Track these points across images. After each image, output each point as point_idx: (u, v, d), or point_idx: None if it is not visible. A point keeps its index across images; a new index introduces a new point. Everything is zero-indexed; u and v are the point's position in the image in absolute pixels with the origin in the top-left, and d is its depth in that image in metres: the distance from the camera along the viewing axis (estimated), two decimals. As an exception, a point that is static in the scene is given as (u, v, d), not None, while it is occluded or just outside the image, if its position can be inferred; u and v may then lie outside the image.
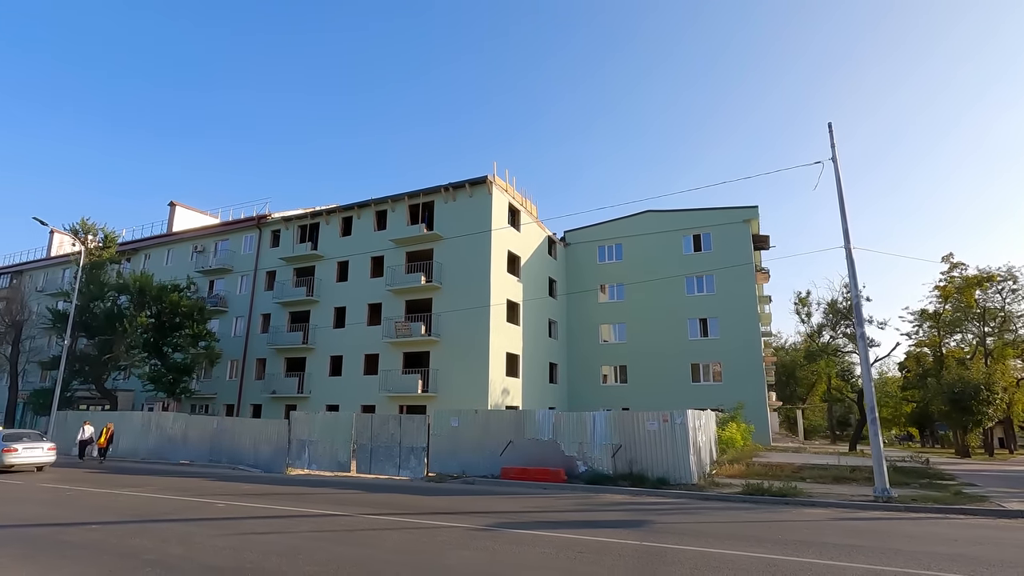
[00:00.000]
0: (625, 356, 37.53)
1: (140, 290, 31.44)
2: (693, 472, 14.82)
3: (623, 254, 39.34)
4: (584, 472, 15.73)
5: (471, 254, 29.53)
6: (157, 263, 40.69)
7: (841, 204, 13.91)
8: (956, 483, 15.93)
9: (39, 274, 46.30)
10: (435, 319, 29.63)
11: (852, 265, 13.71)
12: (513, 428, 17.21)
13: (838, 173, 14.08)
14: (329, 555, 7.62)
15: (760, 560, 7.62)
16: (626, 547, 8.28)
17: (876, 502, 12.29)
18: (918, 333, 41.39)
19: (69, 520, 10.15)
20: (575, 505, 12.50)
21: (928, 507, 11.83)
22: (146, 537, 8.65)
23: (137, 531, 9.17)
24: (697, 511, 11.81)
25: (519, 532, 9.33)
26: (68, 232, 33.60)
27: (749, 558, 7.76)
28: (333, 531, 9.39)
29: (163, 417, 24.41)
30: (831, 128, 14.38)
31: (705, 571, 7.08)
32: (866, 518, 11.02)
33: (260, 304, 35.81)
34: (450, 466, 17.67)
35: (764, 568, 7.23)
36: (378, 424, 19.11)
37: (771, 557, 7.75)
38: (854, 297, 13.96)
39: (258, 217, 37.15)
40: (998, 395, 29.44)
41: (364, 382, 30.66)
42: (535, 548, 8.18)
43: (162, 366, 31.59)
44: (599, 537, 8.95)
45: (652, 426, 15.30)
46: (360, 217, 33.87)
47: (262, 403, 33.55)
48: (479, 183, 30.23)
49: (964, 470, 21.70)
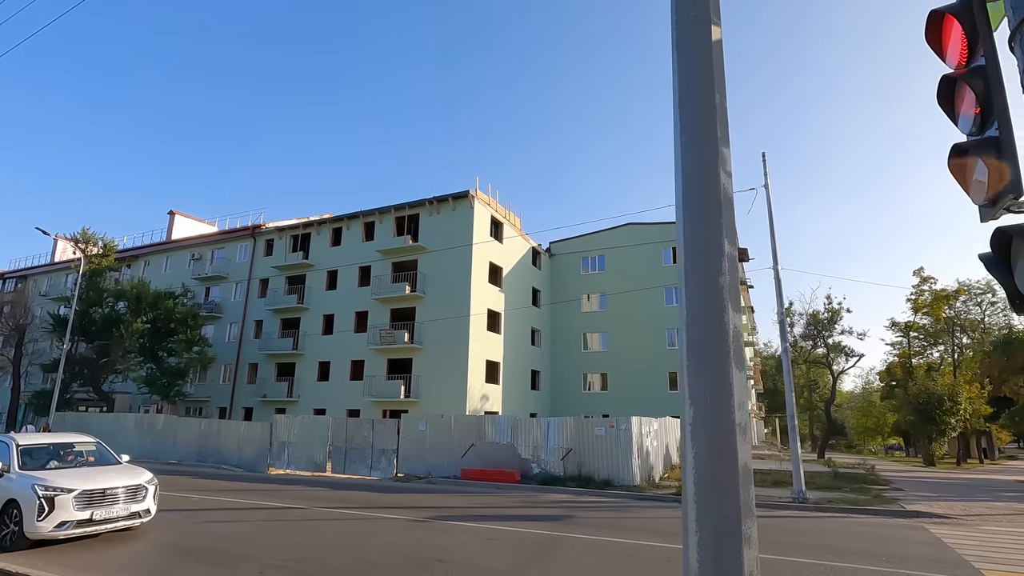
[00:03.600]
0: (606, 364, 38.68)
1: (137, 297, 32.86)
2: (636, 475, 16.00)
3: (605, 265, 40.57)
4: (538, 474, 16.93)
5: (453, 265, 30.81)
6: (156, 269, 42.14)
7: (771, 228, 15.14)
8: (885, 488, 17.06)
9: (43, 279, 47.82)
10: (418, 327, 30.89)
11: (779, 285, 14.93)
12: (475, 432, 18.43)
13: (769, 199, 15.32)
14: (274, 539, 8.88)
15: (647, 547, 8.85)
16: (535, 536, 9.50)
17: (792, 503, 13.46)
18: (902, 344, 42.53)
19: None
20: (518, 502, 13.70)
21: (836, 508, 13.00)
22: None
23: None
24: (625, 508, 13.02)
25: (451, 523, 10.55)
26: (70, 240, 35.11)
27: (639, 545, 8.99)
28: (286, 521, 10.63)
29: (154, 419, 25.74)
30: (764, 158, 15.64)
31: (589, 554, 8.32)
32: (775, 516, 12.20)
33: (253, 311, 37.16)
34: (418, 468, 18.89)
35: (645, 552, 8.47)
36: (352, 427, 20.37)
37: (659, 545, 8.96)
38: (779, 315, 15.16)
39: (253, 227, 38.56)
40: (961, 406, 30.45)
41: (350, 387, 31.91)
42: (456, 536, 9.41)
43: (157, 370, 32.94)
44: (518, 528, 10.16)
45: (600, 432, 16.50)
46: (349, 228, 35.23)
47: (253, 406, 34.82)
48: (461, 197, 31.56)
49: (911, 478, 22.78)
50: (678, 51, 2.36)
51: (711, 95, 2.25)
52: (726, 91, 2.31)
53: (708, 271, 2.07)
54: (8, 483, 8.19)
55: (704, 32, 2.32)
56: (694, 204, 2.17)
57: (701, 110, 2.24)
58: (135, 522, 8.72)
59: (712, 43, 2.31)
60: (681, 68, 2.33)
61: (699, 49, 2.31)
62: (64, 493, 7.87)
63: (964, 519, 11.88)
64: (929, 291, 35.79)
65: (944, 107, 2.96)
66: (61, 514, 7.78)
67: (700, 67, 2.29)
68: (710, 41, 2.31)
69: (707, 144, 2.20)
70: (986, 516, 12.33)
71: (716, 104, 2.24)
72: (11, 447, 8.83)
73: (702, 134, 2.21)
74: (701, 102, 2.25)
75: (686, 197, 2.20)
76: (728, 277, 2.07)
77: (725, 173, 2.18)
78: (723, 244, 2.09)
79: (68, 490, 7.92)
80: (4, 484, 8.21)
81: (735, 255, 2.12)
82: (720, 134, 2.21)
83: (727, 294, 2.04)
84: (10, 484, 8.14)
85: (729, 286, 2.06)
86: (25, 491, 7.86)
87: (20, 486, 7.98)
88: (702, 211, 2.14)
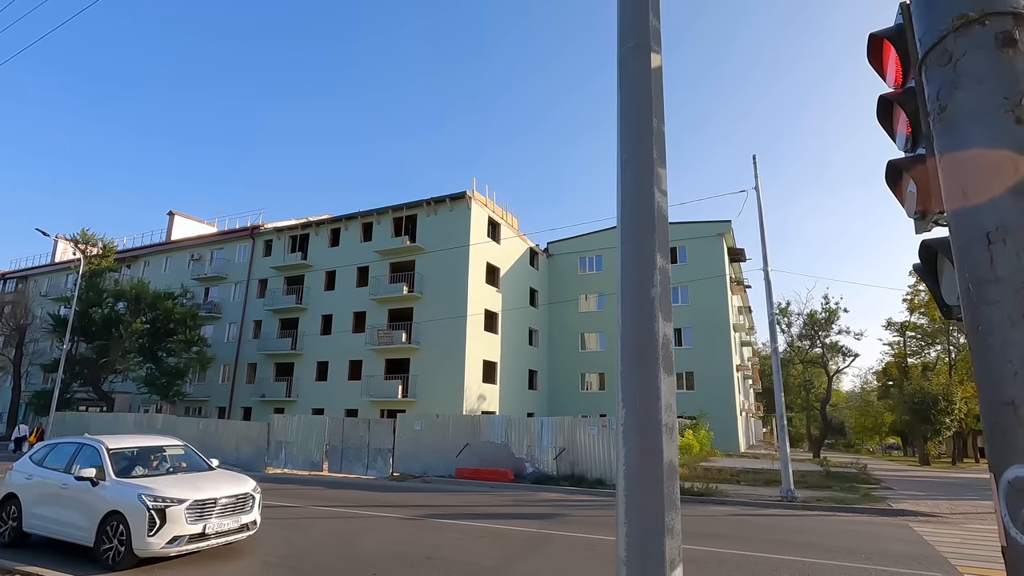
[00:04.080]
0: (604, 364, 38.83)
1: (136, 297, 33.08)
2: (628, 474, 16.15)
3: (603, 265, 40.73)
4: (531, 473, 17.11)
5: (450, 266, 30.98)
6: (156, 270, 42.35)
7: (761, 230, 15.31)
8: (874, 487, 17.22)
9: (44, 279, 48.04)
10: (416, 327, 31.07)
11: (769, 286, 15.11)
12: (470, 432, 18.61)
13: (759, 202, 15.47)
14: (268, 537, 9.05)
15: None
16: (524, 533, 9.68)
17: (781, 501, 13.63)
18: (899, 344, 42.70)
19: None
20: (510, 501, 13.88)
21: (824, 506, 13.17)
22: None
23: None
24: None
25: (441, 521, 10.73)
26: (70, 241, 35.34)
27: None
28: (279, 519, 10.80)
29: (153, 418, 25.95)
30: (755, 160, 15.80)
31: (575, 551, 8.49)
32: (763, 514, 12.37)
33: (252, 311, 37.36)
34: (413, 467, 19.08)
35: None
36: (349, 427, 20.57)
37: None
38: (769, 315, 15.31)
39: (252, 227, 38.75)
40: (956, 405, 30.59)
41: (348, 387, 32.10)
42: (447, 534, 9.58)
43: (156, 370, 33.16)
44: (507, 526, 10.34)
45: (593, 431, 16.68)
46: (348, 229, 35.41)
47: (252, 406, 35.02)
48: (459, 198, 31.73)
49: (903, 477, 22.94)
50: (620, 76, 2.53)
51: (648, 119, 2.42)
52: (664, 115, 2.48)
53: (641, 283, 2.25)
54: (104, 491, 7.31)
55: (644, 59, 2.49)
56: (630, 220, 2.34)
57: (639, 133, 2.41)
58: (244, 535, 7.85)
59: (651, 70, 2.48)
60: (622, 92, 2.50)
61: (639, 75, 2.48)
62: (175, 504, 7.00)
63: (949, 517, 12.05)
64: (925, 291, 35.91)
65: (884, 125, 3.13)
66: (173, 528, 6.88)
67: (640, 92, 2.46)
68: (649, 68, 2.48)
69: (644, 164, 2.37)
70: (971, 514, 12.49)
71: (654, 127, 2.41)
72: (101, 451, 7.90)
73: (639, 155, 2.38)
74: (640, 125, 2.42)
75: (623, 213, 2.37)
76: (659, 289, 2.24)
77: (660, 192, 2.35)
78: (655, 258, 2.26)
79: (179, 500, 7.04)
80: (99, 493, 7.33)
81: (667, 268, 2.30)
82: (656, 155, 2.38)
83: (658, 305, 2.22)
84: (108, 493, 7.27)
85: (660, 297, 2.23)
86: (131, 502, 6.95)
87: (123, 496, 7.10)
88: (637, 226, 2.31)
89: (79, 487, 7.47)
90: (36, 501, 7.99)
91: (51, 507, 7.79)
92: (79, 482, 7.46)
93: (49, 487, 7.94)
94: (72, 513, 7.48)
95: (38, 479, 8.18)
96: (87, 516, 7.25)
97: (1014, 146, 1.82)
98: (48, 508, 7.83)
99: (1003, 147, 1.84)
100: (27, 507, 8.02)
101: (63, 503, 7.65)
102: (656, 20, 2.57)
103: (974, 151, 1.92)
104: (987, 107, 1.92)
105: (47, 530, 7.78)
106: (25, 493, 8.18)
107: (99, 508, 7.16)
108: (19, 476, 8.50)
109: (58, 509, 7.69)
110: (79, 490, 7.47)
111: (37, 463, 8.50)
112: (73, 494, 7.54)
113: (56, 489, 7.82)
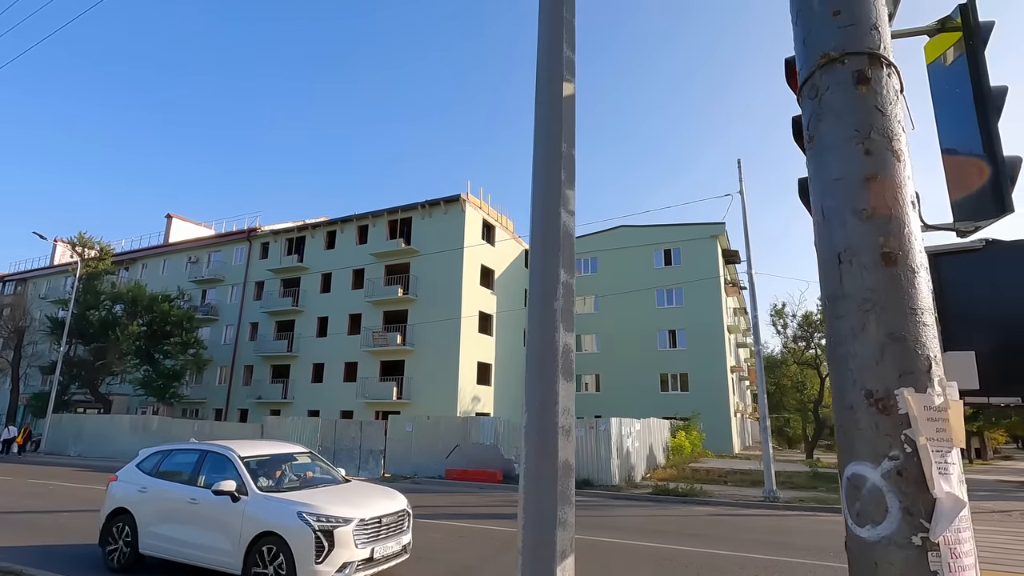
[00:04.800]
0: (599, 365, 39.06)
1: (133, 300, 33.32)
2: (615, 474, 16.36)
3: (598, 267, 40.97)
4: (519, 474, 17.25)
5: (445, 268, 31.21)
6: (154, 272, 42.61)
7: (746, 233, 15.51)
8: (859, 487, 17.35)
9: (43, 281, 48.31)
10: (410, 329, 31.28)
11: (752, 288, 15.30)
12: (460, 433, 18.81)
13: (744, 205, 15.67)
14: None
15: (603, 542, 9.21)
16: (503, 533, 9.87)
17: (763, 502, 13.81)
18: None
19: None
20: (495, 502, 14.07)
21: (804, 506, 13.35)
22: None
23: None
24: (599, 507, 13.36)
25: (426, 521, 10.90)
26: (67, 244, 35.60)
27: (594, 540, 9.35)
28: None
29: (148, 420, 26.17)
30: (739, 165, 16.01)
31: (550, 550, 8.66)
32: (743, 514, 12.56)
33: (249, 313, 37.59)
34: (404, 468, 19.27)
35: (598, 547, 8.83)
36: (341, 428, 20.77)
37: (621, 542, 9.32)
38: (752, 317, 15.50)
39: (248, 230, 39.01)
40: (948, 406, 30.67)
41: (343, 389, 32.31)
42: (427, 533, 9.76)
43: (153, 372, 33.38)
44: (488, 525, 10.54)
45: (579, 433, 16.84)
46: (343, 231, 35.65)
47: (249, 408, 35.24)
48: (453, 201, 31.96)
49: (893, 477, 23.07)
50: (536, 103, 2.73)
51: (559, 144, 2.62)
52: (574, 140, 2.68)
53: (546, 296, 2.44)
54: (249, 508, 6.23)
55: (557, 88, 2.69)
56: (539, 237, 2.54)
57: (550, 157, 2.61)
58: (403, 558, 6.88)
59: (563, 98, 2.68)
60: (537, 118, 2.71)
61: (552, 103, 2.68)
62: (343, 524, 5.97)
63: (927, 517, 12.20)
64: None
65: (798, 143, 3.33)
66: (343, 553, 5.85)
67: (552, 118, 2.67)
68: (562, 96, 2.68)
69: (552, 186, 2.57)
70: (949, 514, 12.65)
71: (563, 152, 2.61)
72: (235, 460, 6.79)
73: (549, 177, 2.58)
74: (551, 150, 2.62)
75: (533, 232, 2.57)
76: (562, 302, 2.43)
77: (567, 212, 2.55)
78: (560, 273, 2.46)
79: (346, 520, 6.03)
80: (244, 510, 6.23)
81: (571, 283, 2.49)
82: (564, 177, 2.58)
83: (559, 316, 2.41)
84: (255, 510, 6.21)
85: (562, 309, 2.43)
86: (289, 522, 5.92)
87: (277, 514, 6.08)
88: (544, 244, 2.51)
89: (215, 503, 6.38)
90: (156, 518, 6.88)
91: (177, 526, 6.69)
92: (217, 497, 6.32)
93: (173, 502, 6.86)
94: (209, 534, 6.40)
95: (156, 492, 7.07)
96: (230, 538, 6.17)
97: (862, 174, 2.01)
98: (173, 527, 6.71)
99: (854, 175, 2.03)
100: (144, 525, 6.90)
101: (194, 522, 6.56)
102: (571, 52, 2.77)
103: (832, 177, 2.12)
104: (842, 138, 2.11)
105: (173, 553, 6.63)
106: (141, 508, 7.02)
107: (246, 528, 6.12)
108: (129, 488, 7.34)
109: (188, 528, 6.58)
110: (215, 506, 6.39)
111: (149, 473, 7.37)
112: (207, 511, 6.47)
113: (182, 504, 6.73)
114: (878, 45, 2.21)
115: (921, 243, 2.03)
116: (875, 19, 2.24)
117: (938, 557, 1.67)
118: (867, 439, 1.85)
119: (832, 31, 2.26)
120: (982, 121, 2.93)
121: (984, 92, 2.91)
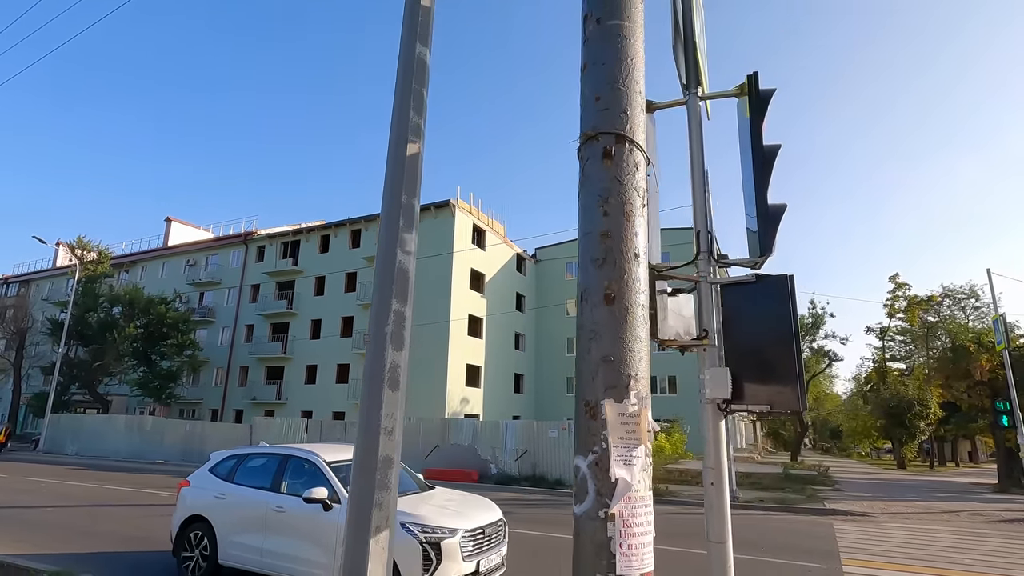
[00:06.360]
0: (590, 368, 39.51)
1: (130, 302, 34.09)
2: (586, 475, 16.86)
3: (589, 271, 41.45)
4: (495, 474, 17.85)
5: (435, 272, 31.81)
6: (153, 275, 43.41)
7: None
8: (824, 488, 17.88)
9: (45, 283, 49.22)
10: (401, 332, 31.85)
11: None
12: (440, 434, 19.39)
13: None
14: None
15: (555, 538, 9.75)
16: (459, 528, 10.40)
17: (724, 502, 14.30)
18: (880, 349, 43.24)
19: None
20: (466, 500, 14.60)
21: (761, 506, 13.89)
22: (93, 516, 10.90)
23: (89, 512, 11.45)
24: (566, 506, 13.90)
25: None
26: (68, 246, 36.41)
27: (552, 537, 9.90)
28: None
29: (143, 420, 26.85)
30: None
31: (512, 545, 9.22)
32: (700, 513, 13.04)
33: (245, 315, 38.31)
34: (386, 467, 19.83)
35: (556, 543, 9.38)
36: (327, 429, 21.40)
37: (569, 537, 9.85)
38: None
39: (245, 234, 39.74)
40: (931, 409, 31.11)
41: (336, 390, 32.97)
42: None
43: (150, 373, 34.12)
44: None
45: (552, 434, 17.41)
46: (337, 235, 36.33)
47: (244, 408, 35.93)
48: (443, 206, 32.58)
49: (864, 479, 23.58)
50: (387, 158, 3.31)
51: (399, 195, 3.19)
52: (416, 193, 3.25)
53: (380, 321, 3.01)
54: (340, 517, 5.54)
55: (402, 149, 3.26)
56: (379, 273, 3.12)
57: (393, 205, 3.19)
58: (502, 571, 6.37)
59: (407, 156, 3.26)
60: (386, 171, 3.28)
61: (398, 159, 3.26)
62: (449, 535, 5.58)
63: (875, 517, 12.71)
64: (903, 296, 36.50)
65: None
66: (451, 567, 5.47)
67: (396, 173, 3.24)
68: (406, 155, 3.26)
69: (391, 231, 3.14)
70: (899, 514, 13.15)
71: (403, 202, 3.19)
72: (321, 466, 6.33)
73: (389, 223, 3.16)
74: (393, 200, 3.20)
75: (376, 268, 3.15)
76: (392, 327, 3.00)
77: (403, 252, 3.13)
78: (392, 303, 3.03)
79: (451, 531, 5.62)
80: (335, 519, 5.68)
81: (402, 311, 3.07)
82: (403, 224, 3.16)
83: (389, 339, 2.98)
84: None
85: (392, 334, 3.00)
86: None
87: None
88: (382, 278, 3.09)
89: (305, 511, 5.90)
90: (237, 527, 6.40)
91: (262, 535, 6.20)
92: (308, 505, 5.84)
93: (254, 509, 6.36)
94: (300, 544, 5.96)
95: (236, 498, 6.56)
96: (324, 550, 5.70)
97: (600, 231, 2.57)
98: (257, 536, 6.22)
99: (595, 231, 2.59)
100: (224, 535, 6.41)
101: (282, 532, 6.12)
102: (418, 118, 3.34)
103: (584, 231, 2.68)
104: (592, 201, 2.66)
105: (259, 564, 6.13)
106: (219, 516, 6.53)
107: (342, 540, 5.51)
108: (204, 494, 6.81)
109: (276, 539, 6.12)
110: (306, 515, 5.93)
111: (224, 478, 6.86)
112: (297, 521, 6.03)
113: (266, 512, 6.25)
114: (625, 127, 2.76)
115: (641, 286, 2.58)
116: (625, 105, 2.78)
117: (613, 526, 2.23)
118: (583, 438, 2.40)
119: (594, 113, 2.80)
120: (757, 173, 3.53)
121: (758, 149, 3.51)
